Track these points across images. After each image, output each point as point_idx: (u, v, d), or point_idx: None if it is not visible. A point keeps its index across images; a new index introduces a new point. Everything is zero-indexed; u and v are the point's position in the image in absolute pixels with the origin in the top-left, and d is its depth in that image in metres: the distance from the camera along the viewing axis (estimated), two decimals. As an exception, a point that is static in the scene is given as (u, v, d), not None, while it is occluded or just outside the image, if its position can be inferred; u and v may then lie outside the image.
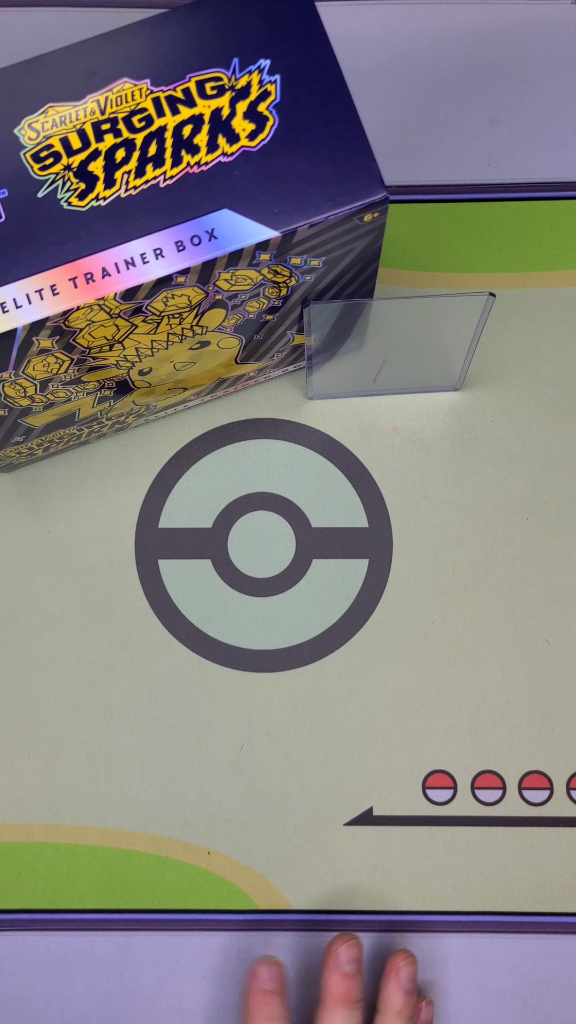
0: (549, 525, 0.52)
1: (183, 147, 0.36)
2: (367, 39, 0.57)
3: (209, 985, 0.49)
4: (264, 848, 0.50)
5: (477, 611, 0.52)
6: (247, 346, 0.46)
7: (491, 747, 0.51)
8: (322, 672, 0.51)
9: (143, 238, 0.36)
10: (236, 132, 0.36)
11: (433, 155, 0.56)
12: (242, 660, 0.52)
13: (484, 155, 0.56)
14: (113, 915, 0.50)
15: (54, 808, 0.50)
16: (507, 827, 0.50)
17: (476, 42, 0.57)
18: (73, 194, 0.36)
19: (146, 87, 0.37)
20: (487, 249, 0.55)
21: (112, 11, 0.58)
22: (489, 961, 0.49)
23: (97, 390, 0.45)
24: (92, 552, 0.53)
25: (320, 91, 0.36)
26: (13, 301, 0.35)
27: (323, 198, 0.36)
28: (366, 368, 0.52)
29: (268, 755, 0.51)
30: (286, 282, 0.40)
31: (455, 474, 0.53)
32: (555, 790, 0.50)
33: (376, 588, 0.52)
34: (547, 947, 0.49)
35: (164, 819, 0.50)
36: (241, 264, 0.37)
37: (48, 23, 0.58)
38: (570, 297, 0.54)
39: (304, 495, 0.53)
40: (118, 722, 0.51)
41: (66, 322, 0.36)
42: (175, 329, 0.41)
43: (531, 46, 0.57)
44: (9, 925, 0.50)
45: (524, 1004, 0.49)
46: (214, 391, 0.52)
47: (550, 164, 0.56)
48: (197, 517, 0.53)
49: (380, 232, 0.39)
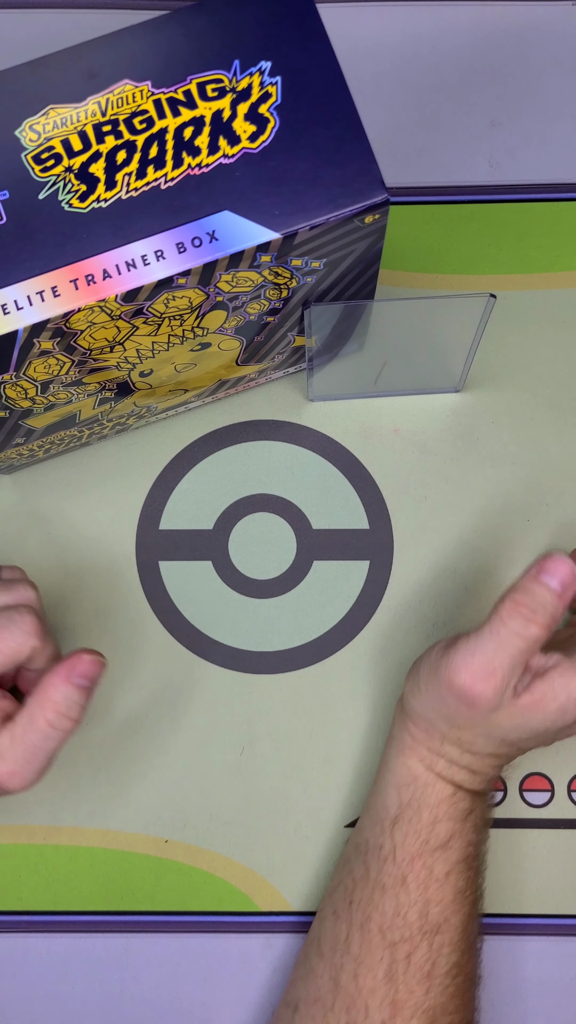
0: (550, 526, 0.52)
1: (184, 149, 0.36)
2: (368, 40, 0.57)
3: (210, 987, 0.49)
4: (265, 850, 0.50)
5: (478, 613, 0.52)
6: (248, 348, 0.46)
7: (492, 749, 0.51)
8: (323, 674, 0.51)
9: (144, 240, 0.36)
10: (237, 134, 0.36)
11: (434, 156, 0.56)
12: (243, 662, 0.52)
13: (485, 156, 0.56)
14: (114, 917, 0.50)
15: (54, 810, 0.50)
16: (508, 829, 0.50)
17: (477, 43, 0.57)
18: (74, 196, 0.36)
19: (147, 89, 0.37)
20: (488, 251, 0.55)
21: (113, 13, 0.58)
22: (490, 963, 0.49)
23: (98, 392, 0.45)
24: (93, 554, 0.53)
25: (321, 93, 0.36)
26: (14, 303, 0.35)
27: (324, 200, 0.36)
28: (367, 369, 0.52)
29: (269, 757, 0.51)
30: (287, 284, 0.40)
31: (456, 476, 0.53)
32: (556, 792, 0.50)
33: (377, 590, 0.52)
34: (548, 949, 0.49)
35: (165, 821, 0.50)
36: (242, 266, 0.37)
37: (49, 25, 0.58)
38: (571, 298, 0.54)
39: (305, 497, 0.53)
40: (119, 723, 0.51)
41: (67, 324, 0.36)
42: (176, 331, 0.41)
43: (532, 47, 0.57)
44: (9, 927, 0.50)
45: (525, 1006, 0.48)
46: (215, 393, 0.52)
47: (551, 165, 0.56)
48: (198, 519, 0.53)
49: (381, 234, 0.39)
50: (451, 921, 0.42)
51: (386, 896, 0.42)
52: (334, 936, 0.44)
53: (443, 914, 0.42)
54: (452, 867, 0.42)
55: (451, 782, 0.43)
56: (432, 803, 0.43)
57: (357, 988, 0.42)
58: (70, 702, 0.40)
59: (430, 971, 0.41)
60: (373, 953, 0.42)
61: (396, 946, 0.42)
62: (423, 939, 0.42)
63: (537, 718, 0.41)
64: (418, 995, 0.41)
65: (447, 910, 0.42)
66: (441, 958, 0.42)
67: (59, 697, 0.40)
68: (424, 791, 0.43)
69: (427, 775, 0.43)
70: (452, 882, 0.42)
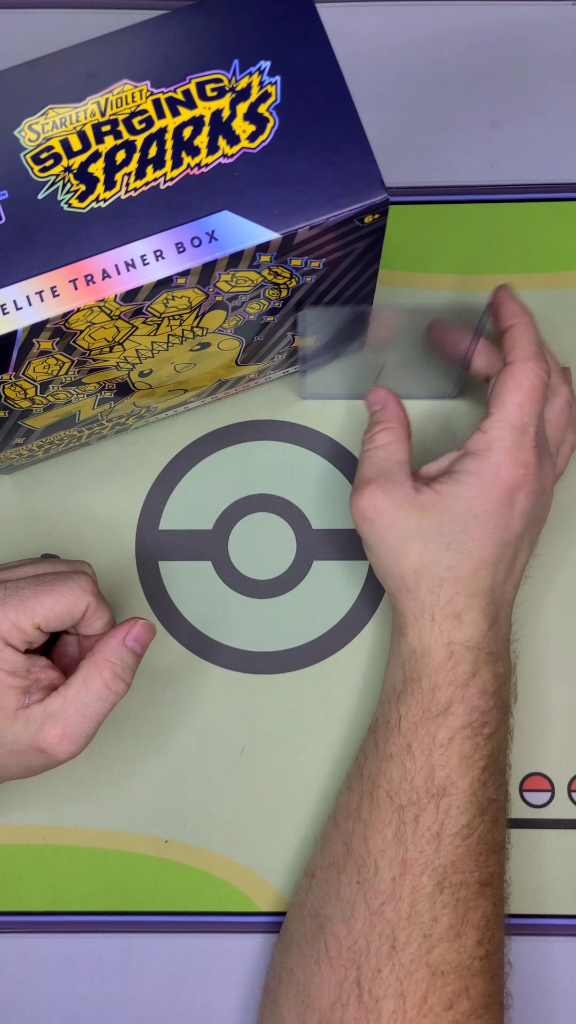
0: (550, 526, 0.52)
1: (183, 149, 0.36)
2: (367, 40, 0.57)
3: (210, 987, 0.49)
4: (265, 850, 0.50)
5: (478, 613, 0.52)
6: (247, 347, 0.46)
7: (492, 749, 0.51)
8: (323, 674, 0.51)
9: (143, 240, 0.36)
10: (236, 134, 0.36)
11: (434, 156, 0.56)
12: (243, 662, 0.52)
13: (485, 156, 0.56)
14: (114, 917, 0.50)
15: (55, 810, 0.50)
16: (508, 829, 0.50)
17: (477, 43, 0.57)
18: (73, 196, 0.36)
19: (146, 89, 0.37)
20: (488, 251, 0.55)
21: (112, 13, 0.58)
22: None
23: (97, 392, 0.45)
24: (93, 554, 0.53)
25: (320, 92, 0.36)
26: (13, 303, 0.35)
27: (323, 200, 0.36)
28: (366, 371, 0.52)
29: (269, 757, 0.51)
30: (286, 284, 0.40)
31: (456, 475, 0.53)
32: (556, 792, 0.50)
33: (377, 590, 0.52)
34: (548, 949, 0.49)
35: (165, 821, 0.50)
36: (241, 266, 0.37)
37: (48, 25, 0.58)
38: (571, 298, 0.54)
39: (305, 497, 0.53)
40: (119, 724, 0.51)
41: (66, 324, 0.36)
42: (175, 331, 0.41)
43: (532, 47, 0.57)
44: (10, 927, 0.50)
45: (525, 1006, 0.48)
46: (215, 393, 0.52)
47: (551, 165, 0.56)
48: (198, 519, 0.53)
49: (381, 234, 0.39)
50: (458, 784, 0.42)
51: (393, 763, 0.43)
52: (347, 806, 0.45)
53: (449, 778, 0.42)
54: (455, 732, 0.43)
55: (446, 645, 0.44)
56: (430, 671, 0.44)
57: (367, 850, 0.43)
58: (125, 664, 0.43)
59: (439, 831, 0.42)
60: (382, 817, 0.43)
61: (404, 809, 0.43)
62: (430, 801, 0.42)
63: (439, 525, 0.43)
64: (428, 853, 0.42)
65: (453, 774, 0.43)
66: (449, 820, 0.42)
67: (116, 659, 0.43)
68: (423, 661, 0.44)
69: (423, 644, 0.44)
70: (456, 747, 0.43)
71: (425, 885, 0.41)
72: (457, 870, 0.42)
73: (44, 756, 0.42)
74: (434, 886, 0.41)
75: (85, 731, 0.42)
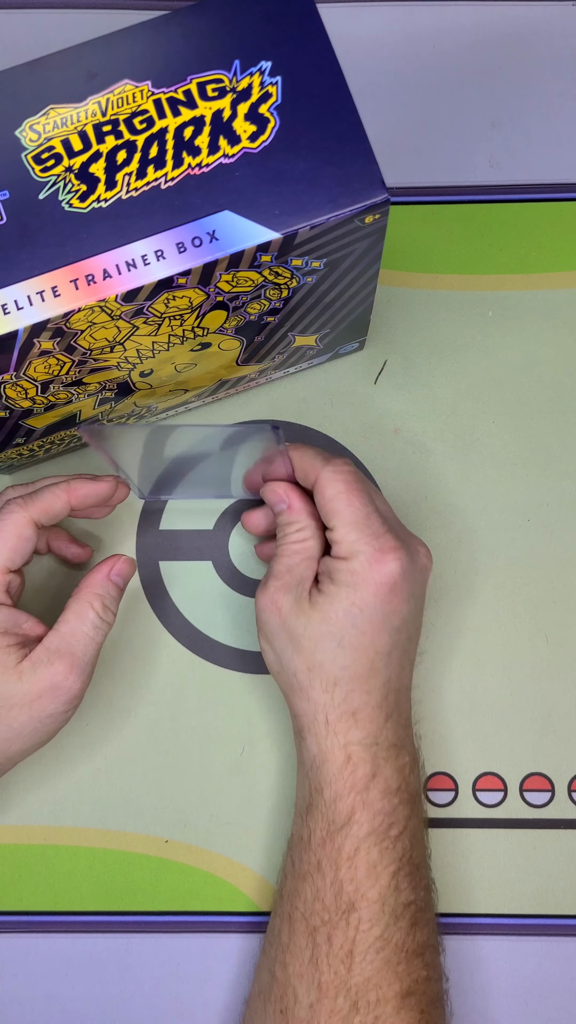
0: (550, 526, 0.52)
1: (184, 149, 0.36)
2: (368, 40, 0.57)
3: (210, 987, 0.49)
4: (265, 850, 0.50)
5: (478, 613, 0.52)
6: (248, 348, 0.46)
7: (492, 749, 0.51)
8: (323, 674, 0.51)
9: (144, 240, 0.36)
10: (237, 134, 0.36)
11: (434, 156, 0.56)
12: (243, 662, 0.52)
13: (485, 156, 0.56)
14: (114, 917, 0.50)
15: (55, 810, 0.50)
16: (508, 829, 0.50)
17: (477, 43, 0.57)
18: (74, 196, 0.36)
19: (147, 89, 0.37)
20: (488, 251, 0.55)
21: (113, 13, 0.58)
22: (490, 963, 0.49)
23: (98, 392, 0.45)
24: (93, 554, 0.53)
25: (321, 93, 0.36)
26: (14, 303, 0.35)
27: (324, 200, 0.36)
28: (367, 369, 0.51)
29: (269, 757, 0.51)
30: (287, 284, 0.40)
31: (456, 475, 0.53)
32: (556, 792, 0.50)
33: (377, 590, 0.52)
34: (548, 949, 0.49)
35: (165, 821, 0.50)
36: (242, 266, 0.37)
37: (49, 25, 0.58)
38: (571, 298, 0.54)
39: (305, 497, 0.53)
40: (119, 724, 0.51)
41: (67, 324, 0.36)
42: (176, 331, 0.41)
43: (532, 47, 0.57)
44: (10, 927, 0.50)
45: (526, 1006, 0.48)
46: (215, 393, 0.52)
47: (551, 165, 0.56)
48: (198, 519, 0.53)
49: (381, 234, 0.39)
50: (368, 896, 0.42)
51: (306, 883, 0.43)
52: (271, 931, 0.45)
53: (358, 891, 0.42)
54: (359, 843, 0.42)
55: (343, 748, 0.43)
56: (330, 778, 0.43)
57: (287, 976, 0.43)
58: (111, 597, 0.45)
59: (351, 950, 0.42)
60: (298, 940, 0.43)
61: (317, 930, 0.42)
62: (340, 919, 0.42)
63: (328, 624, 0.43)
64: (342, 974, 0.41)
65: (362, 886, 0.42)
66: (360, 935, 0.42)
67: (103, 591, 0.45)
68: (322, 769, 0.43)
69: (320, 750, 0.43)
70: (363, 857, 0.42)
71: (341, 1008, 0.41)
72: (372, 986, 0.41)
73: (56, 694, 0.42)
74: (350, 1007, 0.41)
75: (88, 659, 0.43)
